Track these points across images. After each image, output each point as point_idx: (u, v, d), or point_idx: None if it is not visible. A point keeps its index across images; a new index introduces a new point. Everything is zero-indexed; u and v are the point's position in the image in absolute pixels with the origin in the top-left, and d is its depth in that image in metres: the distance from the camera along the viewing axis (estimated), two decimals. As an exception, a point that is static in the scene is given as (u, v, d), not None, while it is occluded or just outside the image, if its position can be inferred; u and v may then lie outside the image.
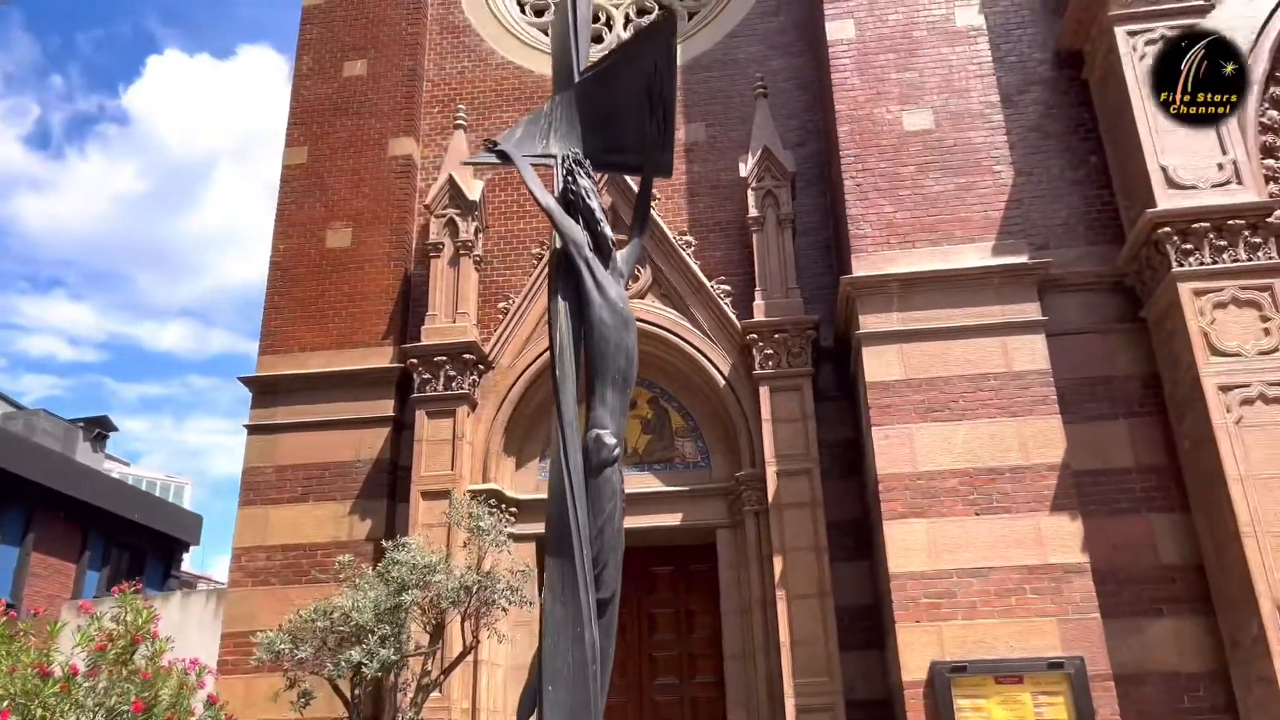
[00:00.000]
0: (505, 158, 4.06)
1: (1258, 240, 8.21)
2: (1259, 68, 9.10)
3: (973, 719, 7.98)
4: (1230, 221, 8.23)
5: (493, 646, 9.33)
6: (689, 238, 11.10)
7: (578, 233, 3.97)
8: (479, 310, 11.21)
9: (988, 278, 9.08)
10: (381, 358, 10.97)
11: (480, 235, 11.41)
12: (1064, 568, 8.23)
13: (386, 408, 10.70)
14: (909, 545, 8.54)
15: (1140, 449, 8.73)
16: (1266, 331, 7.97)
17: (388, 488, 10.46)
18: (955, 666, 8.08)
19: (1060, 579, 8.20)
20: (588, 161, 4.10)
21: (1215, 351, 7.97)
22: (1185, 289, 8.16)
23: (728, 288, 10.79)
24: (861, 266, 9.45)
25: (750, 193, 10.74)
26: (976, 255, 9.29)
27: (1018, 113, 10.03)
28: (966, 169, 9.66)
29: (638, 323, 10.49)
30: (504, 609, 7.71)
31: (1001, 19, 10.45)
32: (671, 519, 10.43)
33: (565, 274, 3.91)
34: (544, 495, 10.18)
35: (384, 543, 8.09)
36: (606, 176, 10.48)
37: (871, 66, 10.34)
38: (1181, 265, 8.22)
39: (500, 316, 11.07)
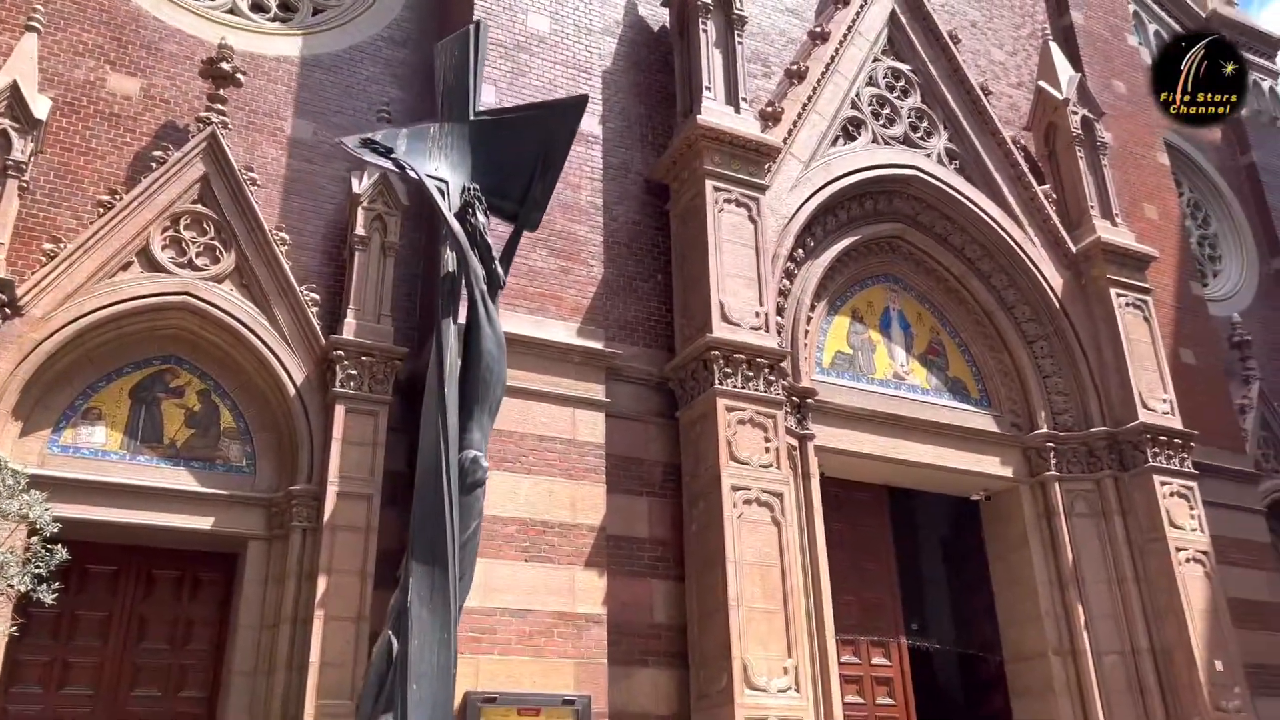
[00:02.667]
0: (401, 168, 4.05)
1: (772, 379, 10.51)
2: (786, 243, 11.70)
3: (480, 747, 8.78)
4: (758, 359, 10.43)
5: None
6: (284, 235, 10.71)
7: (479, 265, 4.12)
8: (12, 245, 9.56)
9: (570, 354, 10.26)
10: None
11: (33, 160, 9.81)
12: (587, 617, 9.49)
13: None
14: (463, 581, 9.15)
15: (655, 524, 10.43)
16: (767, 450, 10.20)
17: None
18: (487, 698, 8.84)
19: (582, 627, 9.44)
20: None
21: (733, 458, 9.98)
22: (721, 403, 10.11)
23: (316, 297, 10.60)
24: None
25: (361, 211, 10.76)
26: (565, 332, 10.44)
27: (612, 219, 11.53)
28: (569, 255, 10.85)
29: (208, 307, 9.89)
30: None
31: (614, 133, 11.97)
32: (201, 522, 9.77)
33: (453, 300, 4.02)
34: (51, 472, 9.03)
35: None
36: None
37: (504, 136, 11.14)
38: (721, 384, 10.18)
39: (43, 259, 9.56)
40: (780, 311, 11.52)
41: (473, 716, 8.72)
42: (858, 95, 13.10)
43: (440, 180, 4.36)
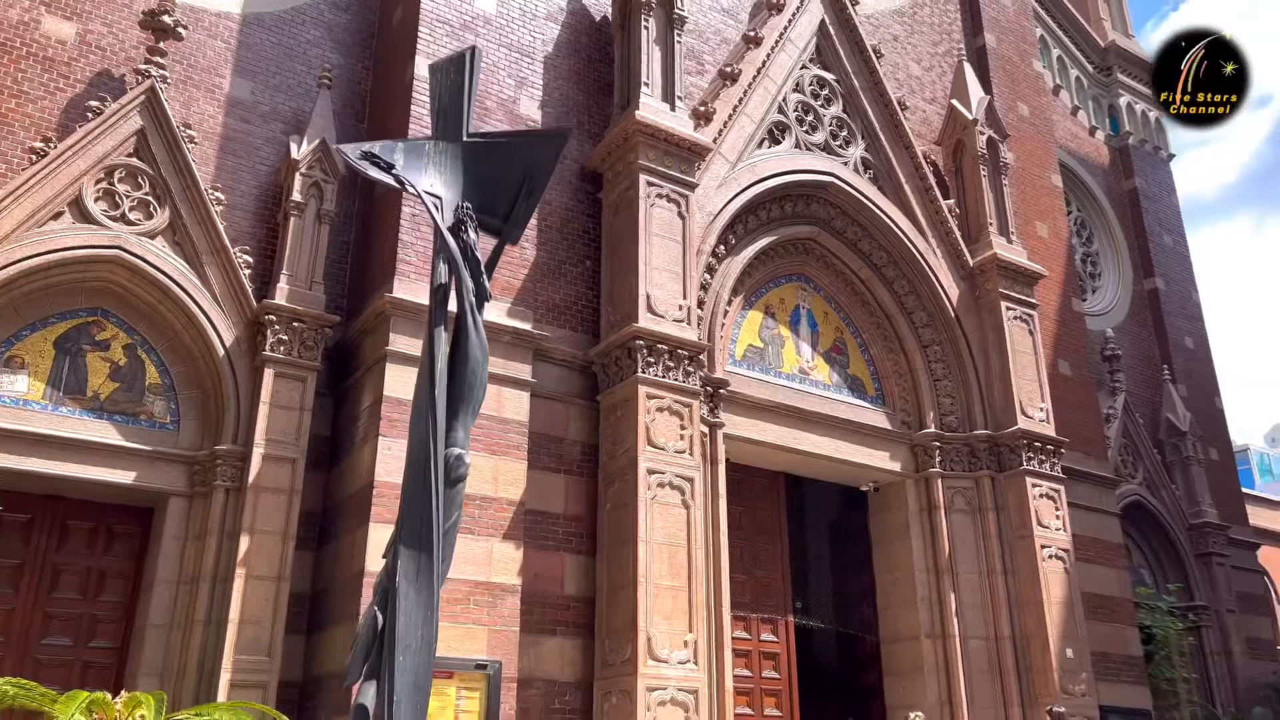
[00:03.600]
0: (402, 183, 4.38)
1: (691, 369, 11.09)
2: (710, 239, 12.27)
3: (406, 705, 9.19)
4: (679, 350, 10.99)
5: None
6: (220, 195, 10.74)
7: (470, 279, 4.50)
8: (-63, 185, 9.41)
9: (501, 334, 10.61)
10: None
11: (-39, 99, 9.63)
12: (502, 587, 9.97)
13: None
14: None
15: (571, 500, 10.93)
16: (682, 436, 10.80)
17: None
18: (403, 659, 9.23)
19: (498, 595, 9.91)
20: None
21: (650, 443, 10.54)
22: (642, 390, 10.65)
23: (249, 259, 10.70)
24: (402, 290, 10.31)
25: (299, 177, 10.89)
26: (496, 311, 10.77)
27: (546, 203, 11.85)
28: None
29: (139, 263, 9.98)
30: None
31: (551, 119, 12.27)
32: (122, 475, 9.87)
33: (444, 309, 4.39)
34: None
35: None
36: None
37: (446, 114, 11.35)
38: (644, 372, 10.71)
39: (-30, 203, 9.42)
40: (700, 304, 12.09)
41: (390, 677, 9.11)
42: (785, 101, 13.72)
43: (435, 196, 4.72)
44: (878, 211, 13.99)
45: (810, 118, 13.97)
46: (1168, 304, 21.06)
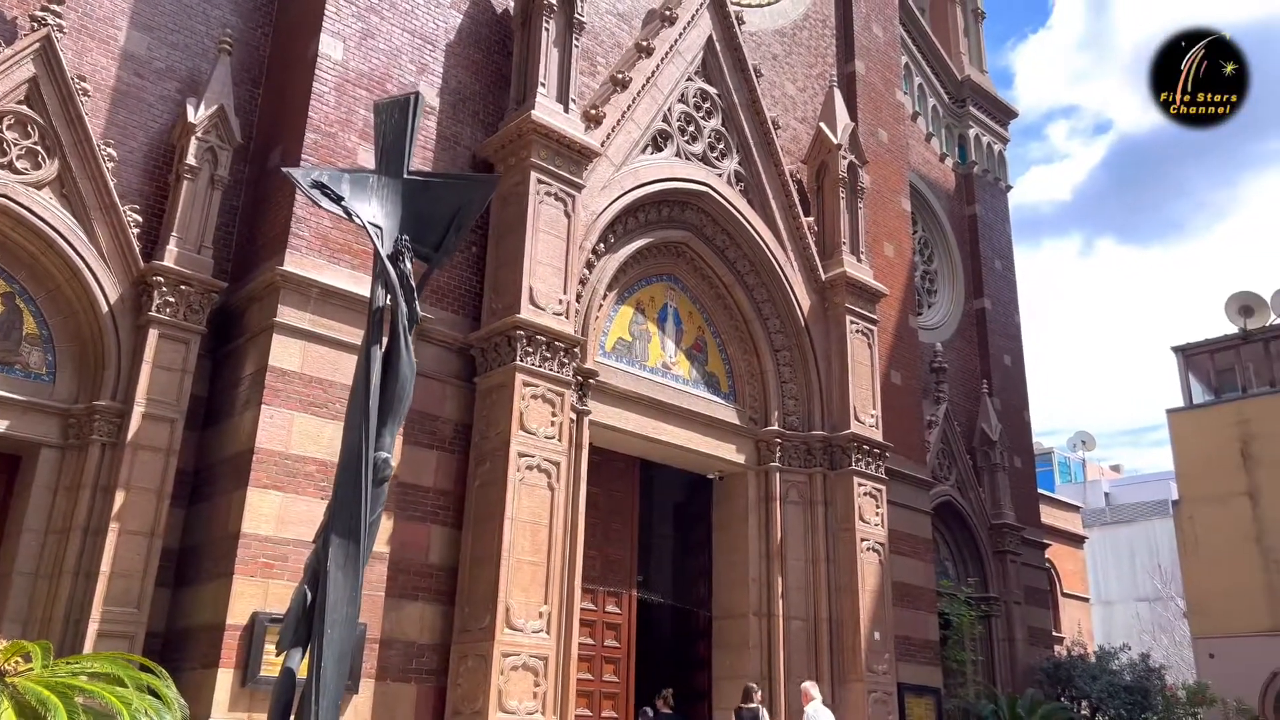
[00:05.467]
0: (350, 215, 4.92)
1: (566, 361, 11.88)
2: (591, 238, 13.04)
3: (274, 660, 9.70)
4: (557, 342, 11.76)
5: None
6: (111, 150, 10.77)
7: (405, 305, 5.09)
8: None
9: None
10: None
11: None
12: (373, 554, 10.52)
13: None
14: (263, 512, 9.98)
15: (441, 475, 11.57)
16: (553, 423, 11.59)
17: None
18: (273, 618, 9.72)
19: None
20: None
21: (523, 427, 11.29)
22: (519, 377, 11.37)
23: (139, 218, 10.80)
24: (293, 263, 10.67)
25: (195, 141, 11.03)
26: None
27: (438, 189, 12.36)
28: (395, 218, 11.62)
29: (24, 212, 10.06)
30: None
31: (449, 105, 12.74)
32: (-8, 424, 9.90)
33: (379, 329, 4.97)
34: None
35: None
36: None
37: (347, 94, 11.70)
38: (522, 361, 11.42)
39: None
40: (578, 298, 12.87)
41: (259, 634, 9.63)
42: (670, 110, 14.57)
43: (377, 227, 5.30)
44: (745, 223, 15.08)
45: (692, 128, 14.88)
46: (993, 323, 23.20)
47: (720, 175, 15.02)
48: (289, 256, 10.70)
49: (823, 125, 16.89)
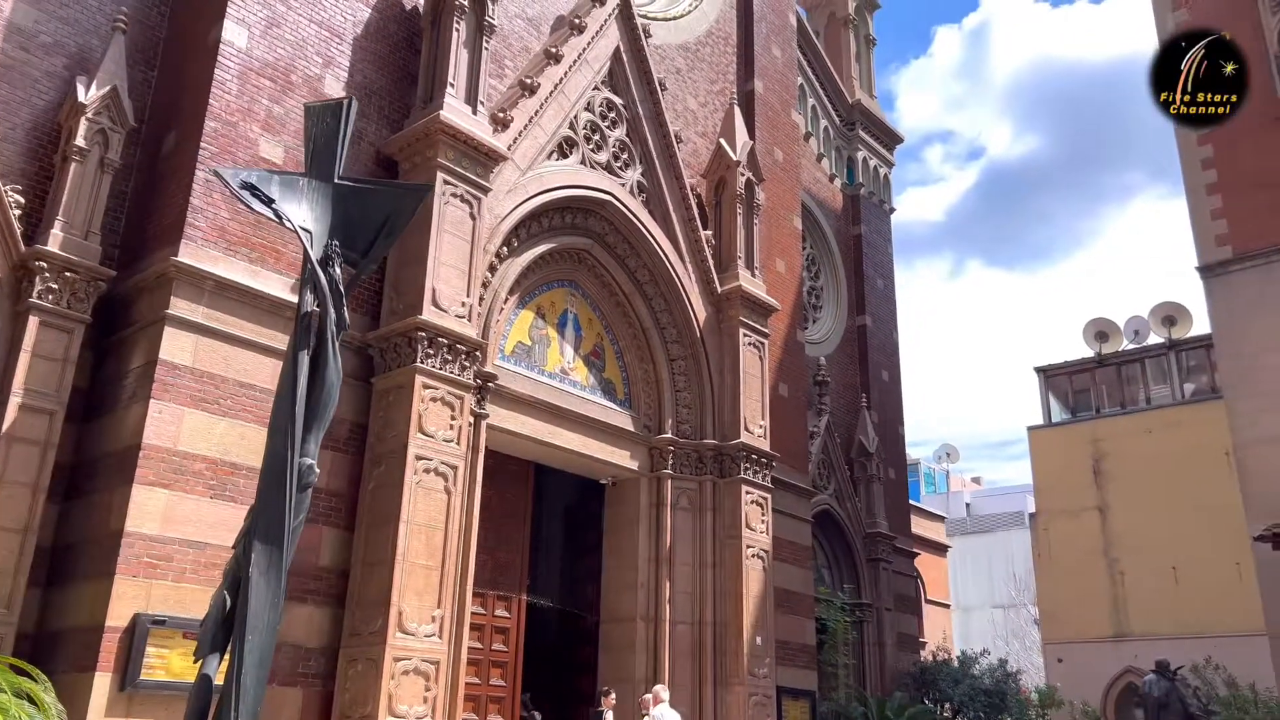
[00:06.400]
0: (280, 218, 4.80)
1: (467, 364, 11.84)
2: (495, 241, 13.03)
3: (155, 664, 9.39)
4: (458, 345, 11.71)
5: None
6: (-8, 127, 10.22)
7: (334, 311, 5.00)
8: None
9: (282, 309, 10.85)
10: None
11: None
12: (262, 555, 10.29)
13: None
14: (148, 510, 9.63)
15: (333, 476, 11.34)
16: (452, 427, 11.54)
17: None
18: (156, 620, 9.41)
19: (256, 563, 10.23)
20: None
21: (421, 430, 11.21)
22: (419, 379, 11.28)
23: (21, 199, 10.27)
24: (188, 255, 10.33)
25: (85, 121, 10.56)
26: (281, 286, 11.02)
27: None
28: (296, 213, 11.37)
29: None
30: None
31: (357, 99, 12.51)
32: None
33: (307, 335, 4.88)
34: None
35: None
36: None
37: (250, 83, 11.38)
38: (422, 363, 11.33)
39: None
40: (480, 300, 12.83)
41: (140, 636, 9.28)
42: (576, 118, 14.68)
43: (306, 231, 5.23)
44: (646, 234, 15.31)
45: (597, 137, 15.03)
46: (873, 340, 24.12)
47: (624, 185, 15.21)
48: (184, 247, 10.36)
49: (723, 141, 17.28)
